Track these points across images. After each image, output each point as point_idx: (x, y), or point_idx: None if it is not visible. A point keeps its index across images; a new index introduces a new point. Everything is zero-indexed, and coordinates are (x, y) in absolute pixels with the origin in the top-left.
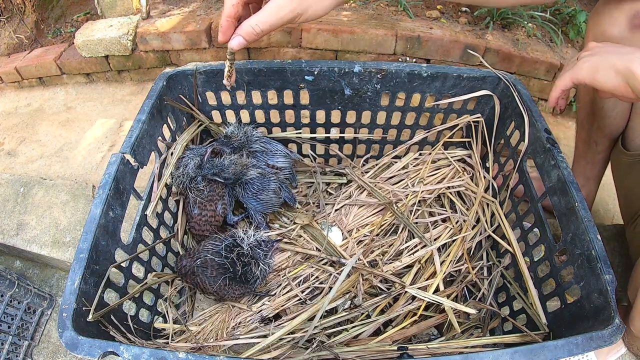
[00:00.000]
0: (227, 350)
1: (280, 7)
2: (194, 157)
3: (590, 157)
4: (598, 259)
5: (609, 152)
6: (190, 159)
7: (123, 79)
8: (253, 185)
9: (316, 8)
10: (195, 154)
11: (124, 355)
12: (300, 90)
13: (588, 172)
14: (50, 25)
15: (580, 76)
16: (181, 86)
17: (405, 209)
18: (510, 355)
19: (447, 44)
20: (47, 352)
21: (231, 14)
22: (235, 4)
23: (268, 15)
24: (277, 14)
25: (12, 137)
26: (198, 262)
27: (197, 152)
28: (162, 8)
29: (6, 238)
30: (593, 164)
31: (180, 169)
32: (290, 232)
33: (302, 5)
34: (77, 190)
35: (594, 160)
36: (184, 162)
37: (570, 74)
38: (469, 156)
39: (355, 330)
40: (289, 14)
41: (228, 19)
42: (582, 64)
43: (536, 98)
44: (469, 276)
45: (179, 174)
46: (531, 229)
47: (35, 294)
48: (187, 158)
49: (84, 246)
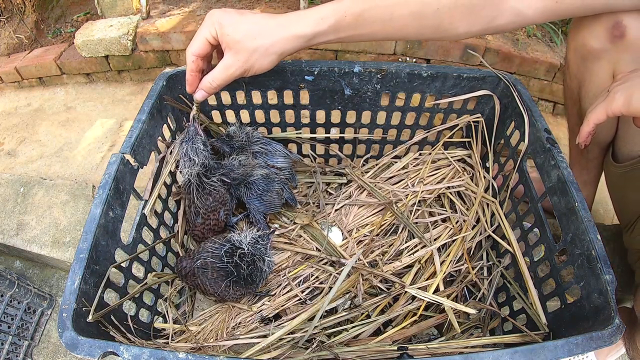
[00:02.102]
0: (227, 350)
1: (229, 66)
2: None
3: (584, 164)
4: (598, 259)
5: (602, 159)
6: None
7: (123, 79)
8: (258, 186)
9: (261, 64)
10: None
11: (124, 355)
12: (300, 90)
13: (584, 176)
14: (50, 25)
15: (614, 107)
16: (181, 86)
17: (405, 209)
18: (510, 355)
19: (447, 44)
20: (47, 352)
21: (193, 69)
22: (195, 60)
23: (219, 73)
24: (227, 72)
25: (12, 137)
26: (198, 264)
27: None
28: (162, 8)
29: (6, 238)
30: (588, 169)
31: (185, 164)
32: (290, 232)
33: (247, 63)
34: (77, 190)
35: (587, 166)
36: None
37: (604, 107)
38: (469, 156)
39: (355, 330)
40: (237, 70)
41: (192, 73)
42: (614, 95)
43: (536, 98)
44: (469, 276)
45: (186, 167)
46: (531, 229)
47: (35, 294)
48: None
49: (84, 246)
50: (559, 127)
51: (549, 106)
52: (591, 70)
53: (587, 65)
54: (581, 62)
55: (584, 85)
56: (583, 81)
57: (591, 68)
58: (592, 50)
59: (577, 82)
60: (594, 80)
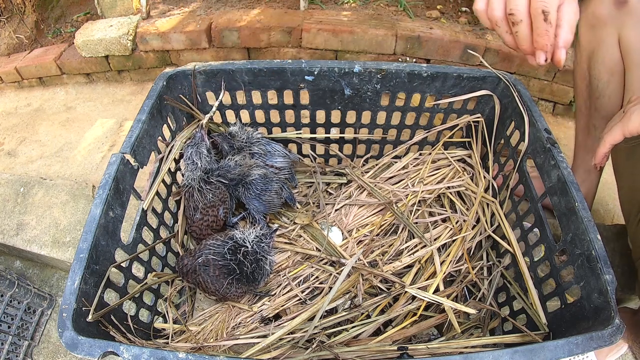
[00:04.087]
0: (227, 350)
1: None
2: (196, 151)
3: (590, 145)
4: (598, 259)
5: None
6: (194, 154)
7: (123, 79)
8: (256, 186)
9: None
10: (196, 147)
11: (124, 355)
12: (300, 90)
13: (588, 163)
14: (50, 25)
15: (631, 127)
16: (181, 86)
17: (405, 209)
18: (510, 355)
19: (447, 44)
20: (47, 352)
21: None
22: None
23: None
24: None
25: (12, 137)
26: (200, 261)
27: (196, 143)
28: (162, 8)
29: (6, 238)
30: (594, 152)
31: (188, 167)
32: (290, 232)
33: None
34: (77, 190)
35: (594, 148)
36: (189, 159)
37: (620, 128)
38: (469, 156)
39: (355, 330)
40: None
41: None
42: (631, 115)
43: (536, 98)
44: (469, 276)
45: (188, 170)
46: (531, 229)
47: (35, 294)
48: (190, 155)
49: (84, 246)
50: (559, 127)
51: (549, 106)
52: (599, 38)
53: (596, 33)
54: (591, 31)
55: (593, 55)
56: (592, 50)
57: (600, 35)
58: (600, 16)
59: (586, 55)
60: (602, 47)
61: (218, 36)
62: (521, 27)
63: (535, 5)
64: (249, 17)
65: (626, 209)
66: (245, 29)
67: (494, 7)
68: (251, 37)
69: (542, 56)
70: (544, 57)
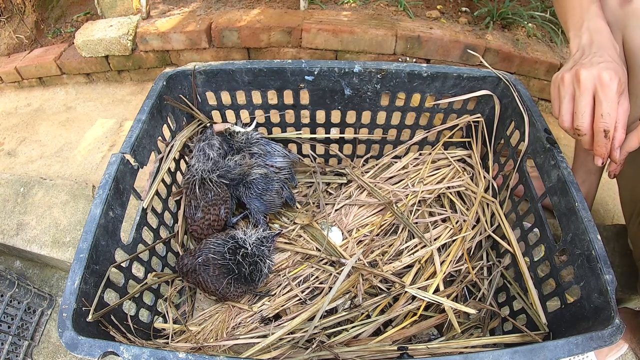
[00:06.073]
0: (227, 350)
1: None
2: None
3: None
4: (598, 259)
5: None
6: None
7: (123, 79)
8: (257, 186)
9: None
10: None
11: (124, 355)
12: (300, 90)
13: (589, 163)
14: (50, 25)
15: None
16: (181, 86)
17: (405, 209)
18: (510, 355)
19: (447, 44)
20: (47, 352)
21: None
22: None
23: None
24: None
25: (12, 137)
26: (200, 260)
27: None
28: (162, 8)
29: (6, 238)
30: None
31: (200, 158)
32: (290, 232)
33: None
34: (77, 190)
35: None
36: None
37: (636, 135)
38: (469, 156)
39: (355, 330)
40: None
41: None
42: None
43: (536, 98)
44: (469, 276)
45: (200, 162)
46: (531, 229)
47: (35, 294)
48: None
49: (84, 246)
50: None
51: (549, 106)
52: None
53: None
54: None
55: None
56: None
57: None
58: (605, 16)
59: None
60: None
61: (218, 36)
62: (585, 138)
63: (597, 125)
64: (249, 17)
65: (626, 209)
66: (245, 29)
67: (563, 120)
68: (251, 37)
69: (600, 160)
70: (602, 160)
